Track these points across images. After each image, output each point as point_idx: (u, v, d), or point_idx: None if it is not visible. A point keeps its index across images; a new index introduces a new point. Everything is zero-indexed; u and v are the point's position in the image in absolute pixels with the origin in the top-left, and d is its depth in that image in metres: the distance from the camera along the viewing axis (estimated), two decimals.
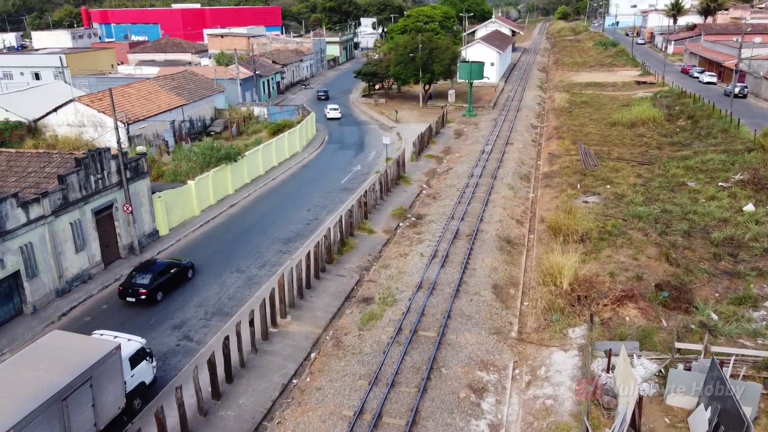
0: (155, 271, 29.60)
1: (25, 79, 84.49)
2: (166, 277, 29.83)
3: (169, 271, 30.22)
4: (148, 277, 29.13)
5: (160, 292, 29.28)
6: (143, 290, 28.59)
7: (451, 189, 45.50)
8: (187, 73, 71.26)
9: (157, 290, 29.16)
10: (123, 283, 29.27)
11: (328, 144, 61.82)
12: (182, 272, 31.09)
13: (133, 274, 29.44)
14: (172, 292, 30.15)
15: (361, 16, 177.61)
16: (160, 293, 29.29)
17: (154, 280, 29.09)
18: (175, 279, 30.51)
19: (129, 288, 28.82)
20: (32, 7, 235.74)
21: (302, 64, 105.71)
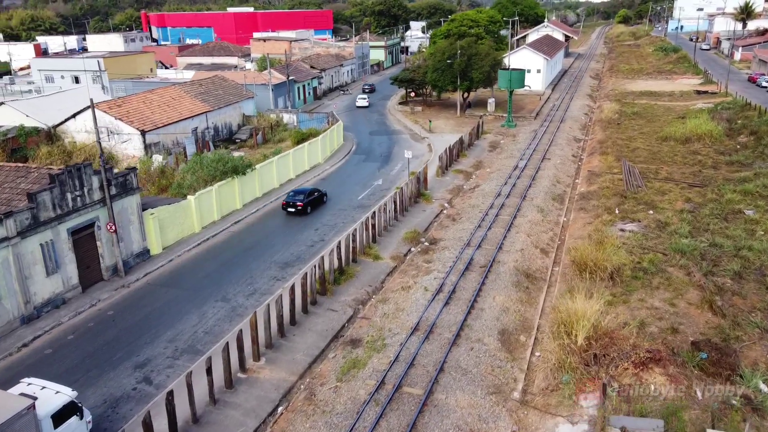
0: (305, 193, 42.83)
1: (65, 82, 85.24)
2: (311, 197, 42.72)
3: (313, 194, 43.16)
4: (301, 196, 42.14)
5: (309, 207, 42.02)
6: (299, 203, 41.58)
7: (474, 210, 41.57)
8: (217, 79, 69.68)
9: (308, 205, 41.96)
10: (285, 200, 42.21)
11: (354, 155, 58.77)
12: (320, 197, 43.90)
13: (291, 194, 42.72)
14: (314, 209, 42.66)
15: (410, 20, 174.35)
16: (309, 207, 42.04)
17: (305, 198, 42.04)
18: (317, 200, 43.41)
19: (290, 203, 41.71)
20: (99, 11, 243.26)
21: (342, 69, 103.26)
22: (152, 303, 29.75)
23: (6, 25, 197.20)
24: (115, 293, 30.67)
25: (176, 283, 31.85)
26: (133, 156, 51.17)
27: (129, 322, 28.02)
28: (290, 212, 41.57)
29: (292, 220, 41.15)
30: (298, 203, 41.50)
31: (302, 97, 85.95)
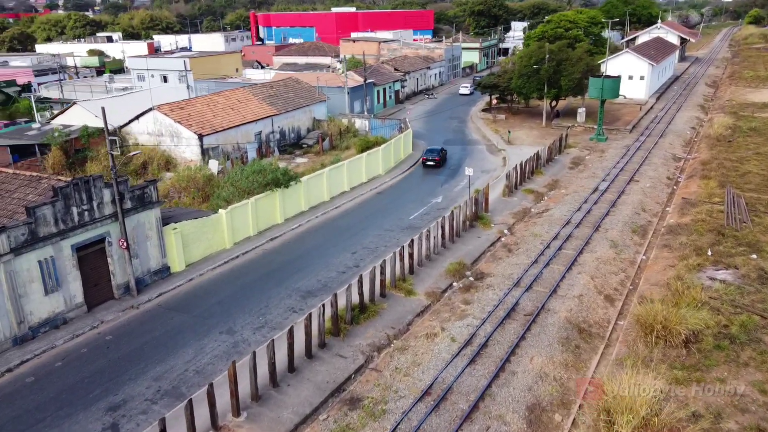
0: (436, 151, 54.81)
1: (155, 81, 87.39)
2: (441, 154, 54.74)
3: (442, 151, 55.32)
4: (435, 153, 54.40)
5: (443, 161, 54.51)
6: (437, 158, 53.85)
7: (535, 240, 36.32)
8: (290, 81, 68.00)
9: (441, 160, 54.31)
10: (424, 157, 54.49)
11: (420, 166, 54.66)
12: (445, 154, 55.80)
13: (427, 152, 55.09)
14: (444, 163, 54.37)
15: (511, 20, 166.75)
16: (443, 161, 54.51)
17: (438, 154, 54.38)
18: (444, 157, 55.05)
19: (428, 159, 53.97)
20: (215, 11, 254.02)
21: (429, 71, 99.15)
22: (153, 330, 27.46)
23: (128, 24, 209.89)
24: (122, 315, 28.73)
25: (186, 308, 29.45)
26: (190, 161, 50.12)
27: (122, 351, 25.83)
28: (429, 165, 54.22)
29: (335, 236, 37.86)
30: (436, 158, 54.02)
31: (382, 101, 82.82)
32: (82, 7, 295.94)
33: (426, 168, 54.02)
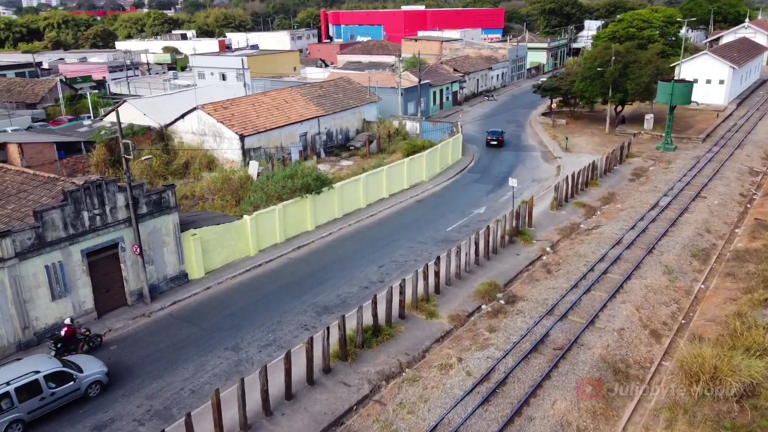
0: (499, 132, 60.92)
1: (214, 79, 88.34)
2: (503, 135, 61.17)
3: (503, 133, 61.26)
4: (497, 134, 60.58)
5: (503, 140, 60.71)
6: (500, 138, 60.43)
7: (579, 261, 33.17)
8: (341, 81, 66.64)
9: (502, 140, 60.50)
10: (488, 137, 60.87)
11: (468, 173, 52.04)
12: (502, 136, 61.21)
13: (490, 132, 61.37)
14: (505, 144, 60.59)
15: (585, 19, 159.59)
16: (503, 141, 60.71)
17: (501, 135, 60.70)
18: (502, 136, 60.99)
19: (491, 139, 60.41)
20: (288, 9, 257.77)
21: (491, 72, 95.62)
22: (159, 341, 26.47)
23: (203, 22, 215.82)
24: (132, 323, 27.94)
25: (197, 319, 28.35)
26: (231, 161, 49.57)
27: (123, 363, 24.94)
28: (493, 144, 60.30)
29: (365, 247, 36.03)
30: (499, 138, 60.44)
31: (438, 103, 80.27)
32: (165, 5, 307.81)
33: (489, 147, 60.46)
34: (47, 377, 21.35)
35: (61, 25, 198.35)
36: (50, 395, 21.39)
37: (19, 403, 20.61)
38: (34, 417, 21.22)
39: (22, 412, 20.77)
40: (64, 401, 21.91)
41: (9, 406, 20.40)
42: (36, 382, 21.03)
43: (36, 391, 21.03)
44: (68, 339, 24.88)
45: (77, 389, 22.17)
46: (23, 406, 20.75)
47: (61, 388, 21.67)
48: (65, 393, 21.81)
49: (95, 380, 22.69)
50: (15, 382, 20.69)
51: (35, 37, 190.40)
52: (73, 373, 22.15)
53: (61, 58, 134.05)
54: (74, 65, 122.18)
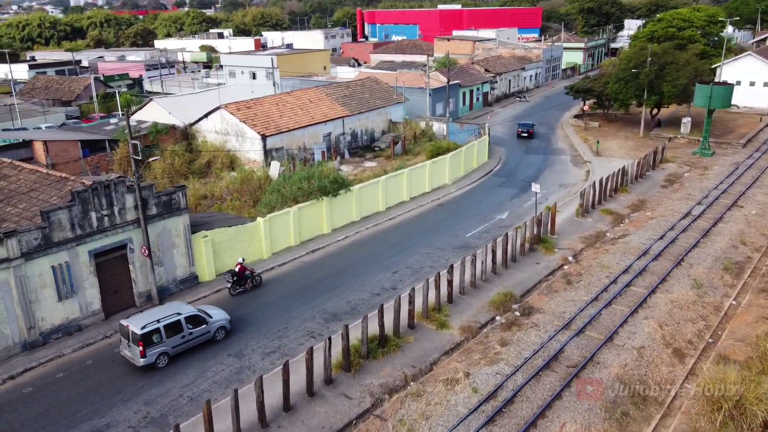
0: (529, 125, 64.54)
1: (244, 77, 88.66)
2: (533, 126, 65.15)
3: (533, 125, 65.04)
4: (527, 126, 64.08)
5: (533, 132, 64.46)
6: (530, 130, 63.97)
7: (602, 272, 31.69)
8: (368, 81, 65.92)
9: (532, 132, 64.11)
10: (518, 130, 64.33)
11: (493, 176, 50.70)
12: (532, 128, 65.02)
13: (521, 124, 65.01)
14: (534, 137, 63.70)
15: (625, 18, 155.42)
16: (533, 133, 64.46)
17: (531, 127, 64.33)
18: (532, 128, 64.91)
19: (522, 131, 63.84)
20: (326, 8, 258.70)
21: (523, 73, 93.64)
22: None
23: (241, 21, 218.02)
24: None
25: None
26: (253, 161, 49.33)
27: (126, 367, 24.62)
28: (523, 136, 63.73)
29: (381, 252, 35.19)
30: (529, 130, 64.03)
31: (468, 104, 78.89)
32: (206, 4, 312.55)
33: (519, 139, 63.63)
34: (187, 319, 25.12)
35: (104, 24, 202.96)
36: (189, 334, 25.14)
37: (166, 338, 24.36)
38: (176, 352, 24.91)
39: (168, 346, 24.53)
40: (198, 341, 25.57)
41: (159, 340, 24.17)
42: (179, 322, 24.84)
43: (178, 329, 24.81)
44: (240, 275, 30.26)
45: (208, 332, 25.85)
46: (169, 341, 24.51)
47: (197, 329, 25.41)
48: (199, 334, 25.54)
49: (221, 326, 26.34)
50: (164, 320, 24.41)
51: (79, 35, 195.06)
52: (206, 318, 25.85)
53: (100, 56, 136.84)
54: (113, 63, 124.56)
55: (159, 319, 24.36)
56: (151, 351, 23.85)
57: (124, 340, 24.44)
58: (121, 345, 24.72)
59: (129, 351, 24.17)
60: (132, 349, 23.95)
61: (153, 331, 23.92)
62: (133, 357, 24.00)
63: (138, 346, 23.57)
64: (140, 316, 24.94)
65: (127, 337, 24.10)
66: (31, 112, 72.46)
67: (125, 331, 24.11)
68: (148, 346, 23.78)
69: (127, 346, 24.18)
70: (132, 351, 23.98)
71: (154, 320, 24.22)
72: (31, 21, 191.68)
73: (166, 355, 24.49)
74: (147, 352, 23.74)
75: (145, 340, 23.67)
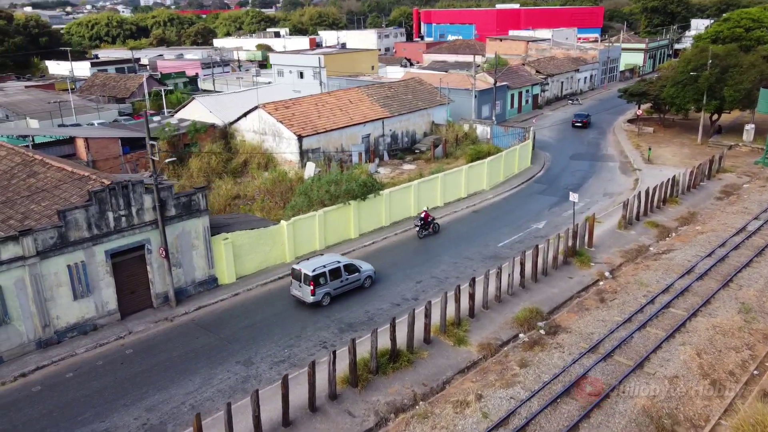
0: (584, 116, 68.20)
1: (292, 77, 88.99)
2: (589, 117, 68.15)
3: (589, 116, 68.45)
4: (582, 117, 67.78)
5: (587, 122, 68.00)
6: (585, 120, 67.49)
7: (640, 290, 29.55)
8: (412, 81, 64.73)
9: (587, 122, 67.48)
10: (574, 120, 68.25)
11: (534, 182, 48.66)
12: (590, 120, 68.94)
13: (576, 115, 68.76)
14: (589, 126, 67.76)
15: (692, 18, 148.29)
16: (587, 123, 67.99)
17: (585, 118, 67.68)
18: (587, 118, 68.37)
19: (577, 121, 67.57)
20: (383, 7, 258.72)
21: (577, 75, 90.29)
22: (174, 348, 25.83)
23: (298, 21, 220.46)
24: (153, 326, 27.54)
25: (217, 327, 27.54)
26: (289, 162, 49.03)
27: (134, 369, 24.44)
28: (578, 126, 67.61)
29: (407, 260, 34.05)
30: (583, 120, 67.52)
31: (516, 106, 76.55)
32: (267, 4, 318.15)
33: (574, 129, 67.19)
34: (344, 266, 29.56)
35: (167, 23, 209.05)
36: (345, 280, 29.49)
37: (330, 281, 28.72)
38: (336, 294, 29.28)
39: (330, 288, 28.89)
40: (351, 287, 29.96)
41: (324, 282, 28.48)
42: (339, 268, 29.23)
43: (338, 275, 29.17)
44: (426, 220, 36.82)
45: (358, 279, 30.19)
46: (331, 284, 28.88)
47: (351, 276, 29.77)
48: (353, 281, 29.92)
49: (369, 275, 30.78)
50: (329, 266, 28.83)
51: (143, 34, 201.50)
52: (359, 267, 30.20)
53: (160, 55, 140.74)
54: (171, 61, 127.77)
55: (324, 264, 28.74)
56: (318, 290, 28.24)
57: (295, 282, 29.01)
58: (292, 286, 29.35)
59: (299, 291, 28.75)
60: (303, 288, 28.44)
61: (320, 274, 28.32)
62: (304, 295, 28.49)
63: (309, 286, 28.05)
64: (308, 262, 29.20)
65: (298, 279, 28.61)
66: (86, 108, 74.75)
67: (297, 273, 28.68)
68: (317, 286, 28.15)
69: (298, 287, 28.73)
70: (302, 290, 28.49)
71: (321, 265, 28.58)
72: (100, 20, 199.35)
73: (328, 295, 28.85)
74: (316, 291, 28.16)
75: (315, 281, 28.02)
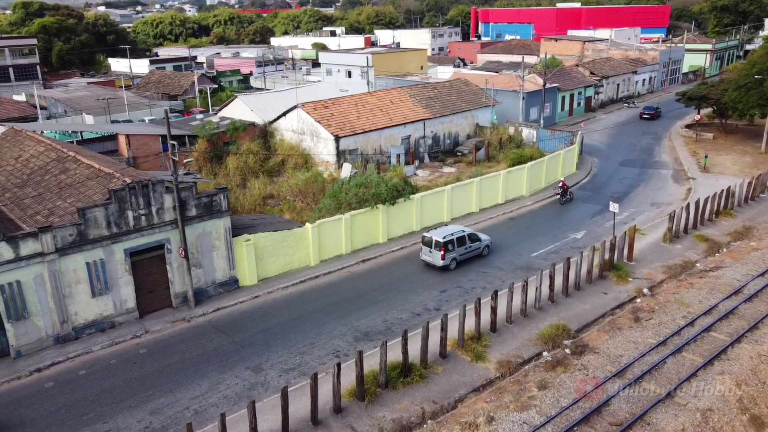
0: (653, 108, 71.44)
1: (340, 76, 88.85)
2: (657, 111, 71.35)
3: (658, 109, 72.00)
4: (652, 108, 71.38)
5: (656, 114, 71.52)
6: (653, 113, 70.58)
7: (679, 311, 27.49)
8: (457, 82, 63.34)
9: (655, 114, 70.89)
10: (641, 112, 71.62)
11: (578, 189, 46.45)
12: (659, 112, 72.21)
13: (644, 108, 72.13)
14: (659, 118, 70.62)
15: (766, 18, 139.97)
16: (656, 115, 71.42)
17: (653, 110, 70.86)
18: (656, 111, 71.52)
19: (644, 113, 70.71)
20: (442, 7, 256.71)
21: (635, 76, 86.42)
22: (187, 350, 25.62)
23: (355, 20, 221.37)
24: (170, 326, 27.47)
25: (232, 330, 27.21)
26: (326, 162, 48.63)
27: (145, 369, 24.34)
28: (645, 118, 70.49)
29: (428, 269, 32.92)
30: (651, 113, 70.53)
31: (567, 108, 73.85)
32: (327, 3, 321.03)
33: (641, 120, 70.14)
34: (468, 236, 33.07)
35: (227, 22, 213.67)
36: (468, 247, 33.04)
37: (457, 247, 32.33)
38: (461, 259, 32.91)
39: (456, 254, 32.46)
40: (472, 255, 33.51)
41: (452, 248, 32.11)
42: (464, 236, 32.85)
43: (463, 242, 32.72)
44: (564, 188, 42.95)
45: (478, 248, 33.68)
46: (457, 250, 32.48)
47: (473, 245, 33.32)
48: (473, 249, 33.43)
49: (486, 245, 34.29)
50: (456, 234, 32.62)
51: (204, 33, 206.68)
52: (479, 237, 33.86)
53: (217, 53, 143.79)
54: (227, 60, 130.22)
55: (452, 233, 32.52)
56: (448, 255, 31.80)
57: (425, 248, 32.66)
58: (422, 252, 33.09)
59: (430, 256, 32.33)
60: (433, 254, 32.07)
61: (449, 241, 32.01)
62: (434, 260, 32.14)
63: (440, 251, 31.71)
64: (437, 231, 33.15)
65: (429, 246, 32.28)
66: (138, 105, 76.87)
67: (428, 240, 32.28)
68: (446, 252, 31.69)
69: (429, 252, 32.34)
70: (433, 255, 32.10)
71: (449, 233, 32.42)
72: (164, 19, 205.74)
73: (455, 260, 32.47)
74: (446, 255, 31.71)
75: (445, 247, 31.59)
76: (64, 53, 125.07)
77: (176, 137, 49.90)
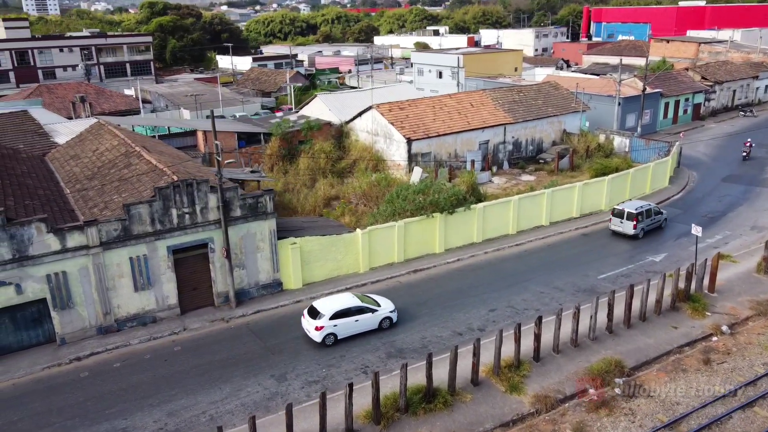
0: None
1: (431, 76, 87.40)
2: None
3: None
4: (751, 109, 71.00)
5: None
6: None
7: (761, 356, 23.89)
8: (546, 85, 60.07)
9: None
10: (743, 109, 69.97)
11: (668, 206, 42.16)
12: None
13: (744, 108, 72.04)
14: None
15: None
16: None
17: None
18: None
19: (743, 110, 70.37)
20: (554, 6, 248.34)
21: (756, 82, 78.19)
22: (218, 352, 25.53)
23: (461, 19, 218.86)
24: (208, 325, 27.58)
25: (267, 334, 26.84)
26: (398, 165, 47.59)
27: (174, 368, 24.47)
28: None
29: (489, 283, 30.98)
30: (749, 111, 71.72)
31: (671, 116, 68.01)
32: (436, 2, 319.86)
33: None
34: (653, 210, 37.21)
35: (334, 21, 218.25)
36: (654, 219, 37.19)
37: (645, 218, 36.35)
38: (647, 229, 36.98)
39: (644, 224, 36.45)
40: (654, 226, 37.47)
41: (641, 219, 36.05)
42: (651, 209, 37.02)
43: (650, 214, 36.89)
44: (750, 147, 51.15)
45: (659, 220, 37.65)
46: (646, 221, 36.42)
47: (657, 217, 37.35)
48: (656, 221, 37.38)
49: (665, 218, 38.21)
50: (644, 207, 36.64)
51: (312, 31, 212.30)
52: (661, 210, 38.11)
53: (319, 51, 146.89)
54: (328, 58, 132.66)
55: (642, 206, 36.18)
56: (639, 225, 35.32)
57: (615, 219, 36.06)
58: (611, 223, 36.46)
59: (621, 226, 35.79)
60: (625, 224, 35.56)
61: (640, 212, 35.55)
62: (625, 229, 35.66)
63: (632, 221, 35.19)
64: (629, 203, 37.24)
65: (620, 216, 35.80)
66: (233, 101, 79.63)
67: (620, 212, 35.94)
68: (638, 222, 35.20)
69: (619, 222, 35.78)
70: (624, 225, 35.64)
71: (640, 206, 36.02)
72: (275, 18, 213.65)
73: (643, 229, 35.94)
74: (637, 225, 35.20)
75: (637, 218, 35.15)
76: (177, 50, 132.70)
77: (252, 135, 50.99)
